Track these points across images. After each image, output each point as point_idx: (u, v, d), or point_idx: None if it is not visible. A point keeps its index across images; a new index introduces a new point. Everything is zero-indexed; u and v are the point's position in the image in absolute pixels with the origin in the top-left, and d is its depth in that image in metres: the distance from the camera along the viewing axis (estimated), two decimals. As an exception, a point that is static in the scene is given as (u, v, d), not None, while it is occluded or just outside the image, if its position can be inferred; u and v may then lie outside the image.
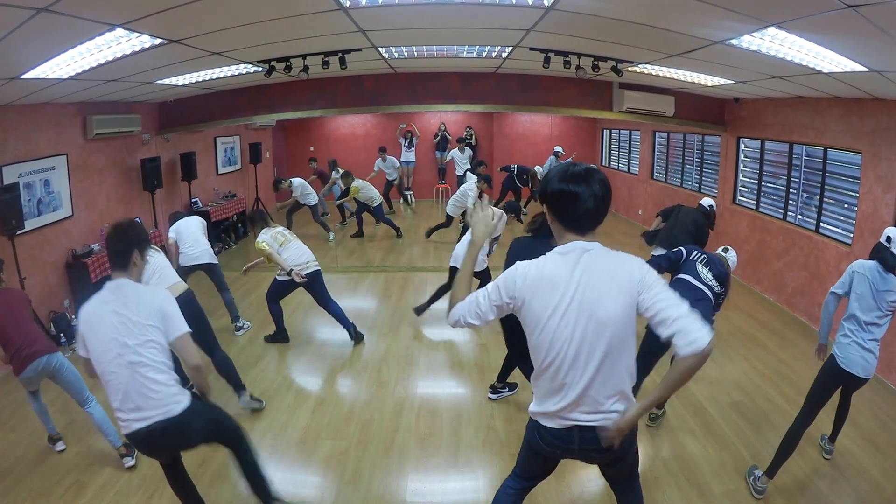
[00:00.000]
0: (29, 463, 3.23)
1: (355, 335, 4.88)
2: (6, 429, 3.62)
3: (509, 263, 1.94)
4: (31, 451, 3.36)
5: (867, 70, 3.42)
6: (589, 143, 12.49)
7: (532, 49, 4.69)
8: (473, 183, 7.34)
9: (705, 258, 3.37)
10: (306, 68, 4.91)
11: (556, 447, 1.82)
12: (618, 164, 11.40)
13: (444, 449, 3.39)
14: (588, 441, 1.76)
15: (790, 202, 5.88)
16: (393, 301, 6.09)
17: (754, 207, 6.55)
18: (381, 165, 10.52)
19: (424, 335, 5.14)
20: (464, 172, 10.20)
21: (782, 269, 5.86)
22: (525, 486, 2.08)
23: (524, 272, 1.70)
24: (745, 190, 6.83)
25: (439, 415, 3.78)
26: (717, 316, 3.59)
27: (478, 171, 8.47)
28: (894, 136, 4.31)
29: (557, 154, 10.62)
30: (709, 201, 4.92)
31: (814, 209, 5.47)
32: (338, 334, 4.98)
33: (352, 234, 9.12)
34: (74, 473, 3.13)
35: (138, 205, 6.67)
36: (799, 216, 5.77)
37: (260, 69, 5.03)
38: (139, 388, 2.14)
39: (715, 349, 1.63)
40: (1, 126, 4.54)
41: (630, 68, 5.12)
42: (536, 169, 10.00)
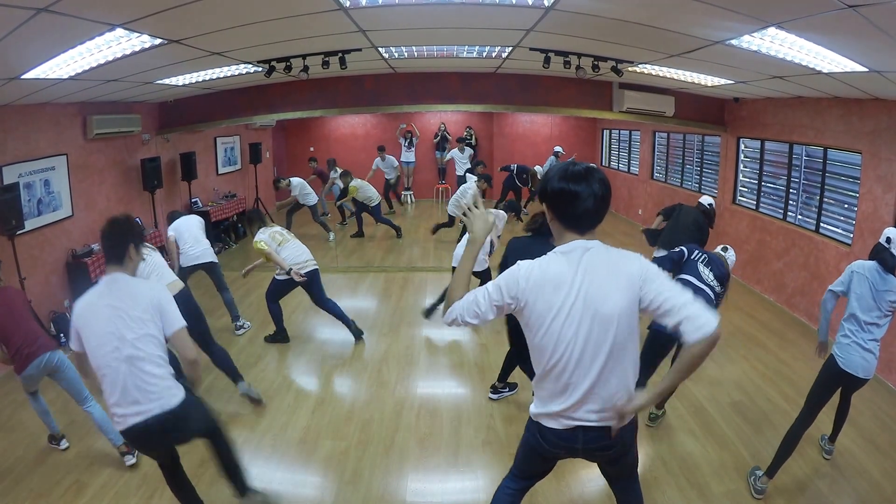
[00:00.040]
0: (29, 463, 3.23)
1: (356, 331, 4.90)
2: (6, 429, 3.62)
3: (507, 262, 1.93)
4: (31, 451, 3.35)
5: (867, 70, 3.42)
6: (589, 143, 12.49)
7: (532, 49, 4.69)
8: (473, 183, 7.35)
9: (706, 258, 3.38)
10: (306, 68, 4.91)
11: (559, 447, 1.82)
12: (618, 164, 11.40)
13: (444, 449, 3.39)
14: (591, 440, 1.76)
15: (790, 202, 5.88)
16: (393, 301, 6.09)
17: (754, 207, 6.55)
18: (379, 165, 10.51)
19: (425, 335, 5.14)
20: (464, 172, 10.19)
21: (782, 269, 5.86)
22: (523, 485, 2.08)
23: (527, 273, 1.69)
24: (745, 190, 6.83)
25: (439, 415, 3.78)
26: (717, 316, 3.60)
27: (477, 170, 8.48)
28: (894, 136, 4.31)
29: (557, 154, 10.62)
30: (708, 199, 4.91)
31: (814, 209, 5.47)
32: (338, 334, 4.98)
33: (352, 234, 9.11)
34: (74, 473, 3.13)
35: (138, 205, 6.67)
36: (799, 216, 5.77)
37: (260, 69, 5.03)
38: (137, 382, 2.14)
39: (715, 348, 1.64)
40: (1, 126, 4.54)
41: (630, 68, 5.12)
42: (536, 169, 9.99)
